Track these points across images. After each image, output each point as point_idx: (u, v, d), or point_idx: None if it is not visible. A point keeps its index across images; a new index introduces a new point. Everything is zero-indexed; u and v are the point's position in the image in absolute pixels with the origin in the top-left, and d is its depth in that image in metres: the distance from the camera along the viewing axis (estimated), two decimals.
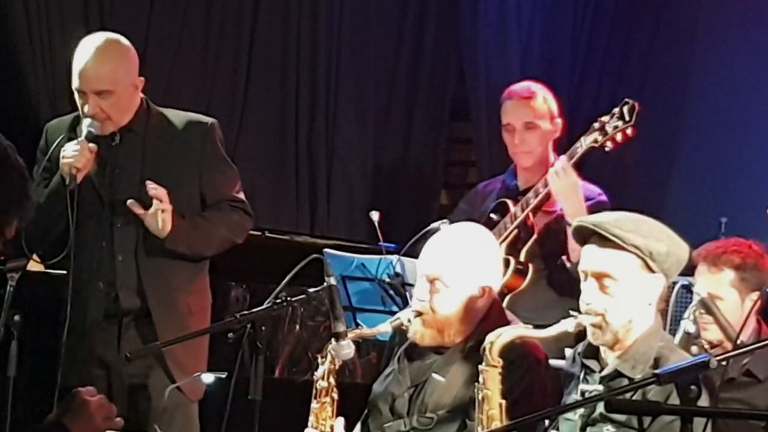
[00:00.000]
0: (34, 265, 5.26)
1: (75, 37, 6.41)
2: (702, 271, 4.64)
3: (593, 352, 3.95)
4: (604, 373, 3.89)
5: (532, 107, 5.48)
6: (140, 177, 4.81)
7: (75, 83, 4.81)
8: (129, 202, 4.76)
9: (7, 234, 2.96)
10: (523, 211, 5.36)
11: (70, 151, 4.71)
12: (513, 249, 5.35)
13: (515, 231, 5.37)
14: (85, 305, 4.84)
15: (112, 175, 4.87)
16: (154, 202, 4.72)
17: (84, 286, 4.83)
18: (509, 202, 5.46)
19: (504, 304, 5.17)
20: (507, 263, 5.33)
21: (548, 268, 5.41)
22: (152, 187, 4.72)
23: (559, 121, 5.49)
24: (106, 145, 4.87)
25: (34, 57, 6.33)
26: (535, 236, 5.36)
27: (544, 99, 5.50)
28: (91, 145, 4.72)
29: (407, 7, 7.28)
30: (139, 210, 4.74)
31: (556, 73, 7.39)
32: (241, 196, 4.97)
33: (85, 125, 4.76)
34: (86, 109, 4.78)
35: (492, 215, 5.47)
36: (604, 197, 5.41)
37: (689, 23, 7.45)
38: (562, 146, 5.45)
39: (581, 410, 3.88)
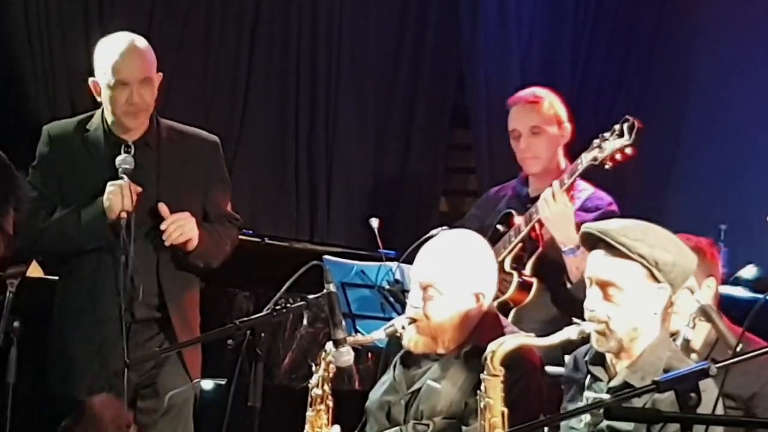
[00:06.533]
0: (34, 271, 5.26)
1: (74, 42, 6.46)
2: None
3: (600, 358, 3.93)
4: (612, 384, 3.86)
5: (538, 112, 5.39)
6: (156, 191, 4.85)
7: (116, 75, 4.80)
8: (160, 205, 4.80)
9: (5, 225, 2.95)
10: (527, 223, 5.27)
11: (118, 197, 4.71)
12: (519, 262, 5.27)
13: (520, 244, 5.28)
14: (102, 318, 4.84)
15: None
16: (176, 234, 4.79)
17: (99, 298, 4.83)
18: (514, 213, 5.38)
19: (509, 319, 5.17)
20: (511, 277, 5.29)
21: (553, 281, 5.34)
22: (170, 228, 4.78)
23: (567, 125, 5.39)
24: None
25: (33, 61, 6.35)
26: (540, 249, 5.28)
27: (550, 104, 5.41)
28: (137, 188, 4.75)
29: (407, 15, 7.29)
30: (167, 215, 4.80)
31: (555, 80, 7.38)
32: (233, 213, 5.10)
33: (120, 163, 4.76)
34: (130, 99, 4.79)
35: (498, 226, 5.39)
36: (614, 207, 5.32)
37: (689, 30, 7.45)
38: (573, 152, 5.37)
39: (587, 419, 3.86)
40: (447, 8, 7.32)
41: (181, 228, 4.80)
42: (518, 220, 5.29)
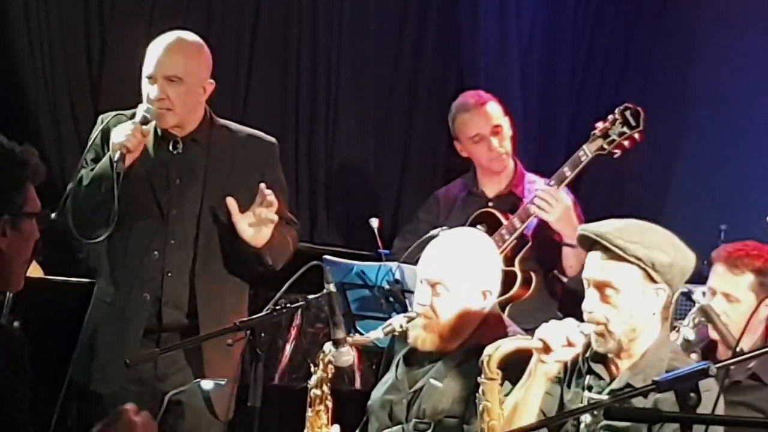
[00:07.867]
0: (34, 272, 5.26)
1: (74, 42, 6.46)
2: (720, 272, 4.61)
3: (601, 356, 3.93)
4: (614, 386, 3.86)
5: (493, 111, 5.51)
6: (202, 189, 4.80)
7: (147, 69, 4.79)
8: (228, 199, 4.73)
9: (32, 205, 2.97)
10: (522, 221, 5.30)
11: (121, 132, 4.67)
12: (506, 258, 5.31)
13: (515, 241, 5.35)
14: (128, 313, 4.80)
15: (173, 185, 4.84)
16: (261, 210, 4.71)
17: (129, 294, 4.80)
18: (497, 213, 5.42)
19: (506, 313, 5.19)
20: (514, 274, 5.31)
21: (542, 272, 5.40)
22: (268, 193, 4.70)
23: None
24: (168, 153, 4.85)
25: (33, 61, 6.34)
26: (530, 243, 5.35)
27: (495, 101, 5.55)
28: (144, 127, 4.69)
29: (407, 13, 7.28)
30: (235, 210, 4.73)
31: (556, 80, 7.40)
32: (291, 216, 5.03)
33: (141, 110, 4.73)
34: (152, 94, 4.75)
35: (479, 227, 5.41)
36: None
37: (689, 30, 7.45)
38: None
39: (587, 419, 3.86)
40: (447, 8, 7.32)
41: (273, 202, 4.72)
42: (507, 220, 5.32)
